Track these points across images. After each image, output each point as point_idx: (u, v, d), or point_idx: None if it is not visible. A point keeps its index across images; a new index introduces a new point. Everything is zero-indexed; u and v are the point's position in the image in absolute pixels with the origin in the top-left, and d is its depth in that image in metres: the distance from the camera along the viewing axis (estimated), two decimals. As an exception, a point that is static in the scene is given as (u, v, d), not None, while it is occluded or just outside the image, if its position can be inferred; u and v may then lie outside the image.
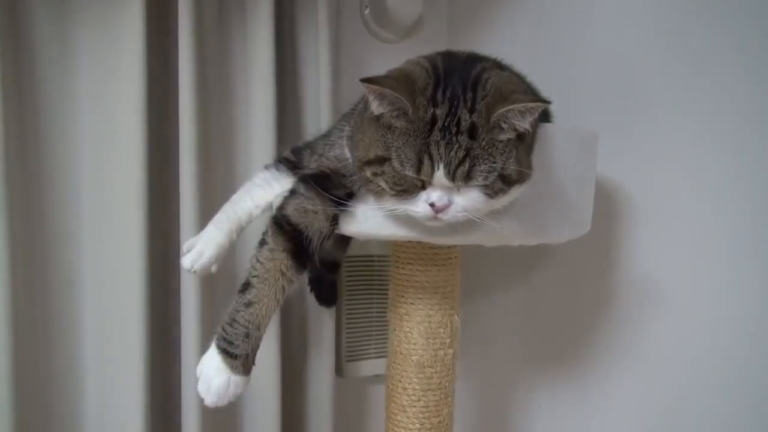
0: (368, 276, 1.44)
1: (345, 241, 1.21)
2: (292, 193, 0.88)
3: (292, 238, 0.85)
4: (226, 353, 0.83)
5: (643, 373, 1.11)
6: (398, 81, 0.73)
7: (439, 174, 0.71)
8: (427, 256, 0.98)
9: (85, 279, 1.12)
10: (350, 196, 0.86)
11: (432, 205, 0.73)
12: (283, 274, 0.84)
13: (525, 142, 0.75)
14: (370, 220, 0.84)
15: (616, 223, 1.14)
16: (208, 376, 0.83)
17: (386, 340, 1.06)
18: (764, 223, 0.95)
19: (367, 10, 1.43)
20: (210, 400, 0.83)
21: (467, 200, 0.73)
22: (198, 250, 0.98)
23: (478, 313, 1.45)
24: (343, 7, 1.41)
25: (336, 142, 0.92)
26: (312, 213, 0.85)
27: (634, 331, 1.12)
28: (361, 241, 1.19)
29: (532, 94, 0.81)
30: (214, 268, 1.01)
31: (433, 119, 0.71)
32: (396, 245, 1.01)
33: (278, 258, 0.84)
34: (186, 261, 0.99)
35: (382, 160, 0.74)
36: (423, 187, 0.74)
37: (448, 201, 0.73)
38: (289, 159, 1.07)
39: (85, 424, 1.13)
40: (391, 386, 1.02)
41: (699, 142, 1.02)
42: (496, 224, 0.77)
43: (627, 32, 1.13)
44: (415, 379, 0.98)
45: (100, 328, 1.12)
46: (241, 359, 0.83)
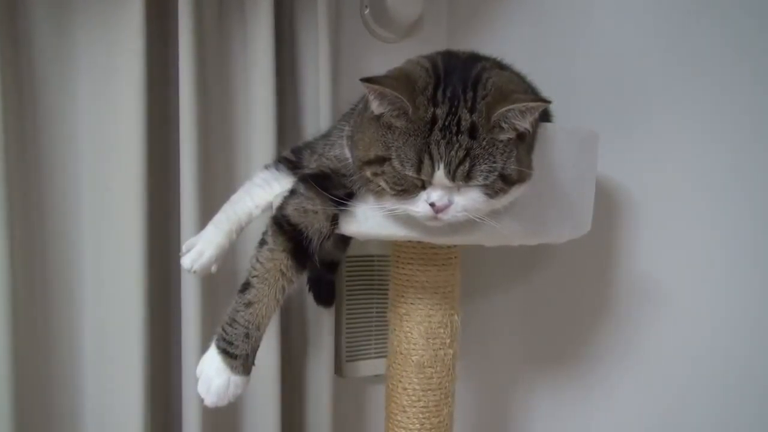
0: (368, 276, 1.44)
1: (345, 241, 1.21)
2: (292, 193, 0.88)
3: (292, 238, 0.85)
4: (226, 353, 0.83)
5: (644, 373, 1.11)
6: (398, 81, 0.73)
7: (440, 174, 0.71)
8: (427, 256, 0.98)
9: (84, 279, 1.12)
10: (350, 196, 0.86)
11: (432, 204, 0.73)
12: (283, 274, 0.84)
13: (525, 141, 0.75)
14: (370, 219, 0.84)
15: (616, 223, 1.14)
16: (208, 376, 0.83)
17: (386, 340, 1.06)
18: (764, 223, 0.95)
19: (367, 10, 1.43)
20: (210, 401, 0.83)
21: (467, 200, 0.73)
22: (198, 250, 0.98)
23: (478, 313, 1.44)
24: (342, 7, 1.41)
25: (336, 142, 0.92)
26: (312, 213, 0.85)
27: (634, 331, 1.12)
28: (361, 241, 1.19)
29: (533, 93, 0.81)
30: (213, 268, 1.01)
31: (434, 119, 0.71)
32: (396, 245, 1.01)
33: (278, 258, 0.84)
34: (186, 261, 0.99)
35: (382, 160, 0.74)
36: (423, 186, 0.74)
37: (448, 201, 0.73)
38: (289, 159, 1.07)
39: (85, 424, 1.13)
40: (391, 386, 1.02)
41: (699, 142, 1.02)
42: (497, 224, 0.77)
43: (627, 32, 1.13)
44: (415, 379, 0.98)
45: (100, 328, 1.12)
46: (241, 359, 0.83)
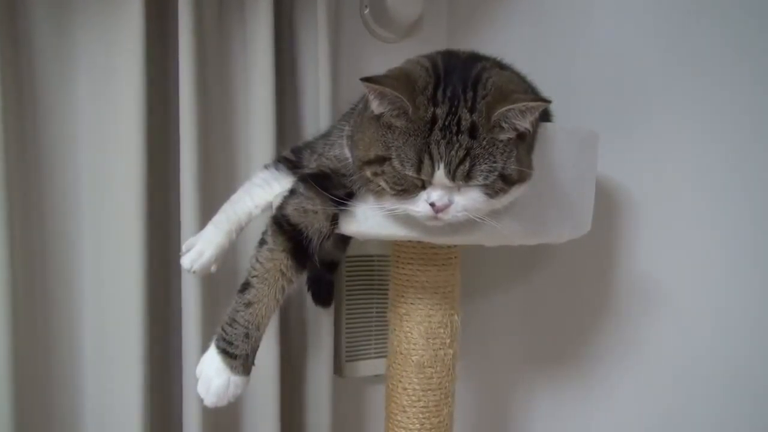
0: (368, 276, 1.44)
1: (344, 241, 1.21)
2: (292, 192, 0.88)
3: (292, 238, 0.85)
4: (226, 353, 0.83)
5: (644, 373, 1.11)
6: (398, 80, 0.73)
7: (440, 173, 0.71)
8: (428, 256, 0.98)
9: (84, 279, 1.12)
10: (350, 195, 0.85)
11: (432, 204, 0.73)
12: (283, 274, 0.84)
13: (525, 141, 0.75)
14: (370, 219, 0.84)
15: (616, 223, 1.14)
16: (208, 376, 0.83)
17: (386, 340, 1.06)
18: (764, 223, 0.95)
19: (367, 10, 1.43)
20: (210, 401, 0.82)
21: (467, 200, 0.73)
22: (197, 250, 0.98)
23: (478, 313, 1.44)
24: (342, 7, 1.41)
25: (336, 142, 0.92)
26: (312, 213, 0.85)
27: (635, 330, 1.12)
28: (361, 241, 1.19)
29: (533, 93, 0.81)
30: (213, 268, 1.01)
31: (434, 119, 0.71)
32: (396, 245, 1.01)
33: (278, 258, 0.84)
34: (185, 261, 0.99)
35: (382, 160, 0.74)
36: (423, 186, 0.74)
37: (448, 201, 0.73)
38: (289, 159, 1.07)
39: (85, 424, 1.13)
40: (391, 386, 1.02)
41: (699, 142, 1.02)
42: (497, 224, 0.76)
43: (627, 32, 1.13)
44: (415, 379, 0.98)
45: (100, 328, 1.12)
46: (240, 359, 0.83)
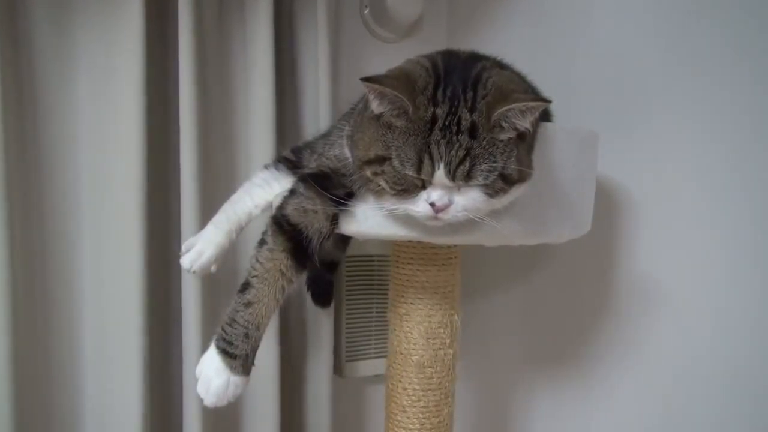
0: (368, 276, 1.44)
1: (344, 240, 1.21)
2: (292, 192, 0.88)
3: (292, 238, 0.85)
4: (226, 353, 0.82)
5: (644, 373, 1.11)
6: (398, 80, 0.73)
7: (440, 173, 0.71)
8: (428, 256, 0.98)
9: (84, 279, 1.12)
10: (350, 195, 0.85)
11: (432, 204, 0.73)
12: (283, 274, 0.84)
13: (525, 141, 0.75)
14: (370, 219, 0.84)
15: (616, 223, 1.14)
16: (208, 376, 0.82)
17: (386, 340, 1.06)
18: (764, 223, 0.95)
19: (367, 10, 1.43)
20: (209, 401, 0.82)
21: (467, 200, 0.73)
22: (197, 250, 0.98)
23: (478, 313, 1.44)
24: (342, 7, 1.41)
25: (336, 142, 0.91)
26: (312, 213, 0.85)
27: (635, 330, 1.12)
28: (361, 241, 1.19)
29: (533, 93, 0.81)
30: (213, 268, 1.01)
31: (434, 118, 0.71)
32: (396, 245, 1.01)
33: (278, 258, 0.84)
34: (185, 261, 0.99)
35: (382, 160, 0.74)
36: (423, 186, 0.74)
37: (448, 200, 0.73)
38: (289, 159, 1.07)
39: (85, 424, 1.13)
40: (391, 386, 1.02)
41: (699, 142, 1.02)
42: (497, 224, 0.76)
43: (627, 32, 1.13)
44: (415, 379, 0.98)
45: (100, 328, 1.12)
46: (240, 359, 0.83)
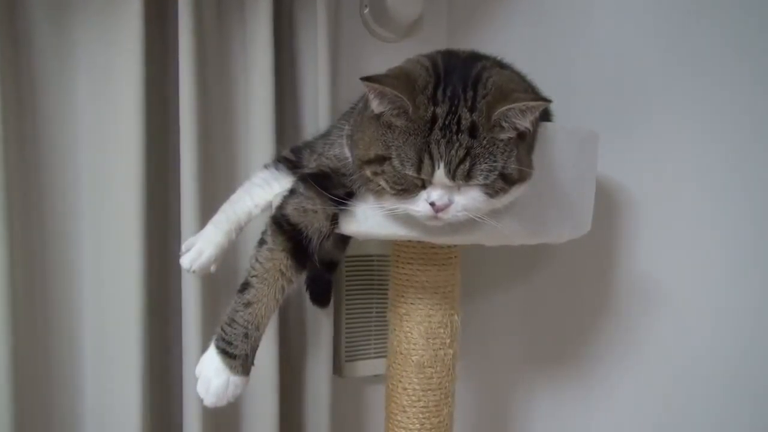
0: (368, 276, 1.44)
1: (344, 240, 1.21)
2: (292, 192, 0.88)
3: (292, 238, 0.85)
4: (226, 353, 0.82)
5: (644, 373, 1.11)
6: (398, 79, 0.72)
7: (440, 173, 0.71)
8: (428, 256, 0.97)
9: (84, 279, 1.12)
10: (350, 195, 0.85)
11: (432, 204, 0.73)
12: (283, 273, 0.84)
13: (526, 141, 0.75)
14: (370, 219, 0.84)
15: (616, 223, 1.14)
16: (207, 376, 0.82)
17: (386, 340, 1.06)
18: (764, 223, 0.95)
19: (367, 10, 1.43)
20: (209, 401, 0.82)
21: (468, 199, 0.73)
22: (197, 250, 0.98)
23: (478, 313, 1.44)
24: (342, 7, 1.41)
25: (336, 141, 0.91)
26: (312, 212, 0.85)
27: (635, 330, 1.12)
28: (361, 241, 1.19)
29: (533, 92, 0.81)
30: (213, 268, 1.01)
31: (434, 118, 0.71)
32: (396, 245, 1.01)
33: (278, 258, 0.84)
34: (185, 260, 0.99)
35: (382, 159, 0.73)
36: (423, 186, 0.73)
37: (448, 200, 0.73)
38: (289, 158, 1.07)
39: (85, 424, 1.13)
40: (391, 386, 1.02)
41: (699, 142, 1.02)
42: (497, 224, 0.76)
43: (627, 32, 1.13)
44: (415, 379, 0.98)
45: (100, 328, 1.12)
46: (240, 359, 0.82)
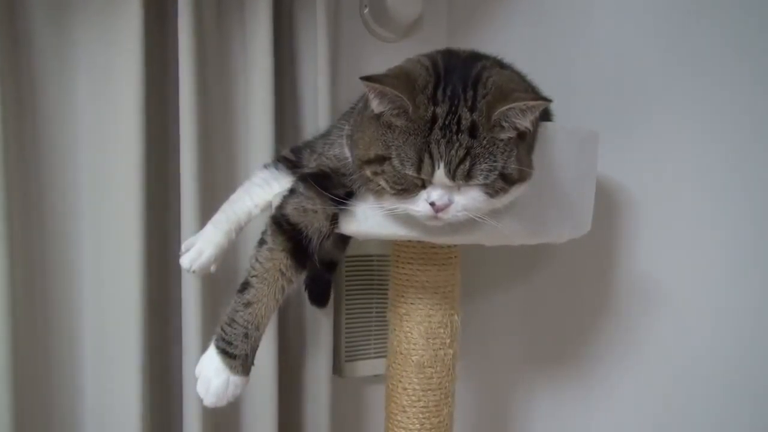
0: (368, 276, 1.44)
1: (344, 240, 1.21)
2: (292, 192, 0.88)
3: (292, 238, 0.85)
4: (226, 353, 0.82)
5: (644, 373, 1.11)
6: (398, 79, 0.72)
7: (440, 173, 0.71)
8: (428, 256, 0.97)
9: (84, 279, 1.11)
10: (350, 195, 0.85)
11: (432, 204, 0.73)
12: (283, 273, 0.84)
13: (526, 140, 0.75)
14: (370, 219, 0.84)
15: (616, 223, 1.14)
16: (207, 376, 0.82)
17: (386, 340, 1.06)
18: (764, 223, 0.95)
19: (367, 9, 1.43)
20: (209, 401, 0.82)
21: (468, 199, 0.73)
22: (197, 250, 0.98)
23: (478, 313, 1.44)
24: (342, 6, 1.41)
25: (336, 141, 0.91)
26: (311, 212, 0.85)
27: (635, 331, 1.12)
28: (361, 241, 1.19)
29: (533, 92, 0.81)
30: (213, 268, 1.01)
31: (434, 118, 0.71)
32: (396, 245, 1.01)
33: (277, 257, 0.84)
34: (185, 260, 0.99)
35: (382, 159, 0.73)
36: (423, 186, 0.73)
37: (448, 200, 0.73)
38: (289, 158, 1.07)
39: (85, 424, 1.13)
40: (391, 386, 1.02)
41: (699, 142, 1.02)
42: (497, 224, 0.76)
43: (627, 32, 1.13)
44: (415, 379, 0.98)
45: (100, 328, 1.12)
46: (240, 359, 0.82)
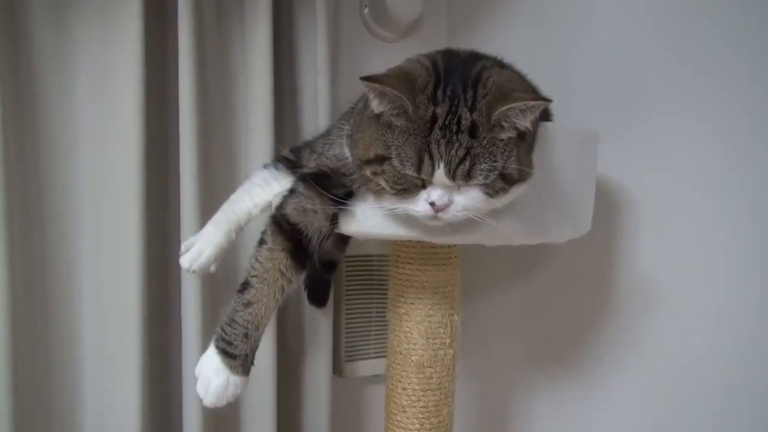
0: (368, 276, 1.44)
1: (344, 240, 1.21)
2: (292, 192, 0.88)
3: (292, 238, 0.85)
4: (225, 353, 0.82)
5: (644, 373, 1.11)
6: (398, 79, 0.72)
7: (440, 173, 0.71)
8: (427, 256, 0.97)
9: (84, 279, 1.11)
10: (350, 195, 0.85)
11: (432, 204, 0.73)
12: (282, 273, 0.84)
13: (526, 140, 0.75)
14: (370, 219, 0.84)
15: (616, 223, 1.14)
16: (207, 376, 0.82)
17: (386, 340, 1.06)
18: (764, 223, 0.95)
19: (367, 9, 1.43)
20: (209, 401, 0.82)
21: (468, 199, 0.73)
22: (197, 250, 0.98)
23: (478, 313, 1.44)
24: (342, 6, 1.41)
25: (335, 141, 0.91)
26: (311, 212, 0.85)
27: (634, 331, 1.12)
28: (361, 241, 1.19)
29: (533, 92, 0.81)
30: (213, 268, 1.01)
31: (434, 118, 0.71)
32: (396, 245, 1.01)
33: (277, 257, 0.84)
34: (185, 260, 0.99)
35: (382, 159, 0.73)
36: (423, 186, 0.73)
37: (448, 200, 0.73)
38: (288, 158, 1.07)
39: (85, 424, 1.13)
40: (390, 386, 1.02)
41: (699, 142, 1.02)
42: (497, 224, 0.76)
43: (627, 32, 1.13)
44: (414, 379, 0.98)
45: (100, 328, 1.12)
46: (240, 359, 0.82)
